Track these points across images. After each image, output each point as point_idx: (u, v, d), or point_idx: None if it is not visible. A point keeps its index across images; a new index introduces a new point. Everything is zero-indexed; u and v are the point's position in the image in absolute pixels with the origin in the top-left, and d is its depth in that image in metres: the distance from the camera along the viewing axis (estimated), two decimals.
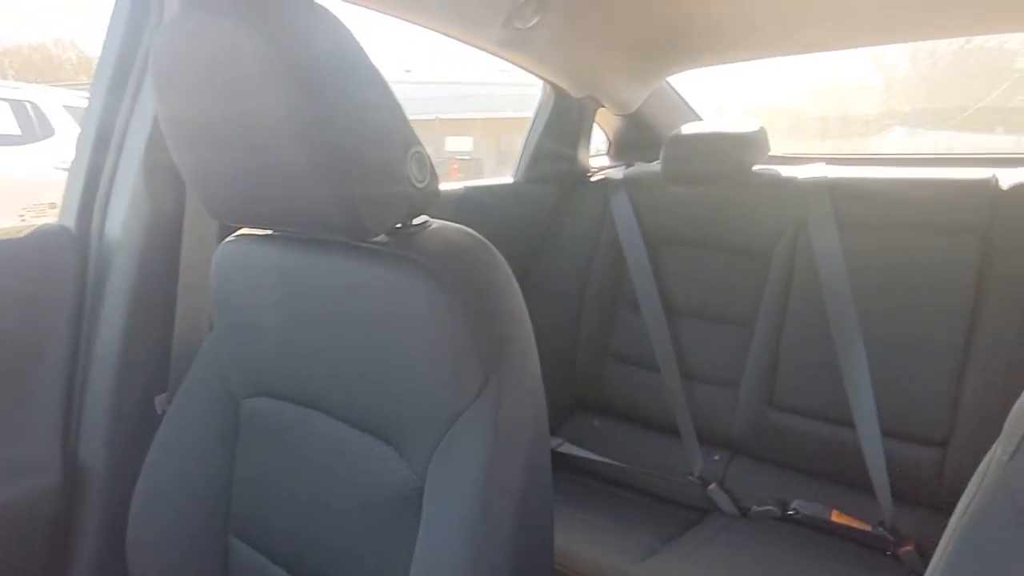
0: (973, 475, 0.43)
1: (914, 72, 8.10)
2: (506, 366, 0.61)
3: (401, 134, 0.60)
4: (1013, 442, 0.38)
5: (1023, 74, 5.66)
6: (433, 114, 12.77)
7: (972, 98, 7.47)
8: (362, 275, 0.63)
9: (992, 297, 1.12)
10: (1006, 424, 0.40)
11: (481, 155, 12.84)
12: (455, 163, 11.89)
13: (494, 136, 12.72)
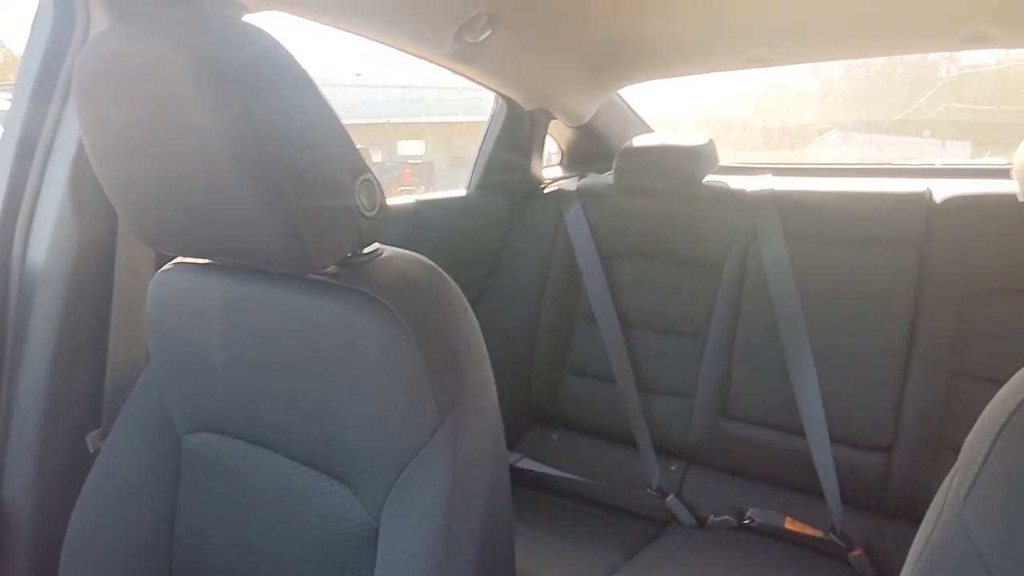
0: (930, 503, 0.43)
1: (848, 80, 8.45)
2: (463, 402, 0.59)
3: (349, 161, 0.58)
4: (968, 478, 0.38)
5: (946, 83, 5.99)
6: (384, 118, 12.63)
7: (901, 105, 7.88)
8: (310, 309, 0.60)
9: (929, 306, 1.17)
10: (961, 454, 0.41)
11: (434, 159, 12.76)
12: (407, 168, 11.78)
13: (446, 140, 12.67)
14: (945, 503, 0.40)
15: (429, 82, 9.38)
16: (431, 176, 12.10)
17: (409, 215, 1.40)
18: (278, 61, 0.54)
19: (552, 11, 1.16)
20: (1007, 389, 0.39)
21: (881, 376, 1.19)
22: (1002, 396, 0.39)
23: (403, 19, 1.05)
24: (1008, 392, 0.39)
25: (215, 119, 0.50)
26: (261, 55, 0.53)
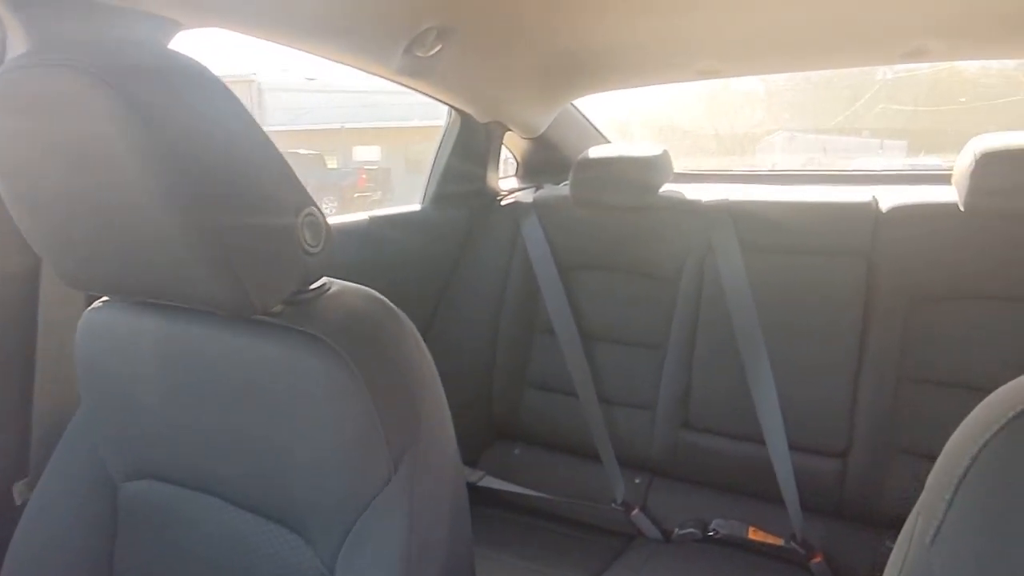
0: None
1: (792, 82, 8.77)
2: (419, 444, 0.57)
3: (291, 196, 0.54)
4: (933, 523, 0.38)
5: (883, 85, 6.36)
6: (339, 123, 12.43)
7: (843, 106, 8.26)
8: (252, 350, 0.57)
9: (878, 313, 1.19)
10: (923, 497, 0.40)
11: (390, 164, 12.63)
12: (363, 173, 11.62)
13: (402, 145, 12.56)
14: (909, 548, 0.39)
15: (383, 86, 9.25)
16: (388, 182, 11.97)
17: (362, 233, 1.36)
18: (207, 93, 0.51)
19: (503, 25, 1.14)
20: (963, 432, 0.39)
21: (835, 382, 1.22)
22: (960, 439, 0.39)
23: (349, 34, 1.02)
24: (966, 435, 0.38)
25: (140, 164, 0.46)
26: (188, 87, 0.50)
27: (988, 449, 0.36)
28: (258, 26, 0.91)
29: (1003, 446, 0.36)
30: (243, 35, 0.93)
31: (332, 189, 11.22)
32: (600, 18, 1.14)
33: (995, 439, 0.36)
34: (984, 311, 1.12)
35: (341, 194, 11.21)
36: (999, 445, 0.36)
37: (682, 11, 1.09)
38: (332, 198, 11.16)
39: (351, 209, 11.55)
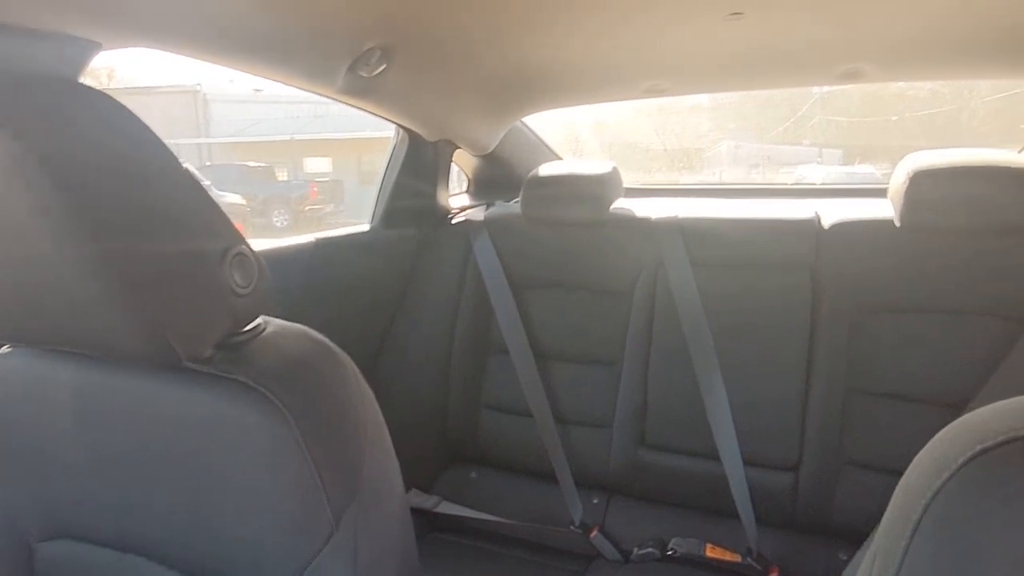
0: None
1: (737, 95, 9.20)
2: (362, 495, 0.54)
3: (217, 235, 0.51)
4: (891, 570, 0.37)
5: (820, 97, 6.68)
6: (288, 134, 12.18)
7: (784, 115, 8.69)
8: (178, 401, 0.53)
9: (824, 327, 1.22)
10: (879, 540, 0.40)
11: (342, 176, 12.43)
12: (314, 186, 11.39)
13: (354, 156, 12.39)
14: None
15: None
16: (340, 194, 11.78)
17: (308, 256, 1.31)
18: (119, 129, 0.47)
19: (449, 44, 1.12)
20: (916, 475, 0.38)
21: (786, 397, 1.23)
22: (914, 482, 0.38)
23: (288, 54, 0.98)
24: (919, 478, 0.38)
25: (42, 207, 0.42)
26: (96, 124, 0.46)
27: (941, 496, 0.36)
28: (188, 46, 0.86)
29: (956, 493, 0.36)
30: (173, 55, 0.88)
31: (282, 202, 10.97)
32: (544, 39, 1.13)
33: (947, 485, 0.36)
34: (922, 323, 1.16)
35: (292, 207, 10.97)
36: (952, 491, 0.36)
37: (626, 33, 1.10)
38: (283, 211, 10.91)
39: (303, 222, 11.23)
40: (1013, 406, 0.38)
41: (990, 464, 0.35)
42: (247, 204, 8.99)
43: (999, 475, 0.34)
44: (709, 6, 0.99)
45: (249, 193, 10.33)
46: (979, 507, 0.34)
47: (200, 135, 13.47)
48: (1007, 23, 1.01)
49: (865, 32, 1.07)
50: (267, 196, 10.93)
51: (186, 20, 0.81)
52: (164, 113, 12.94)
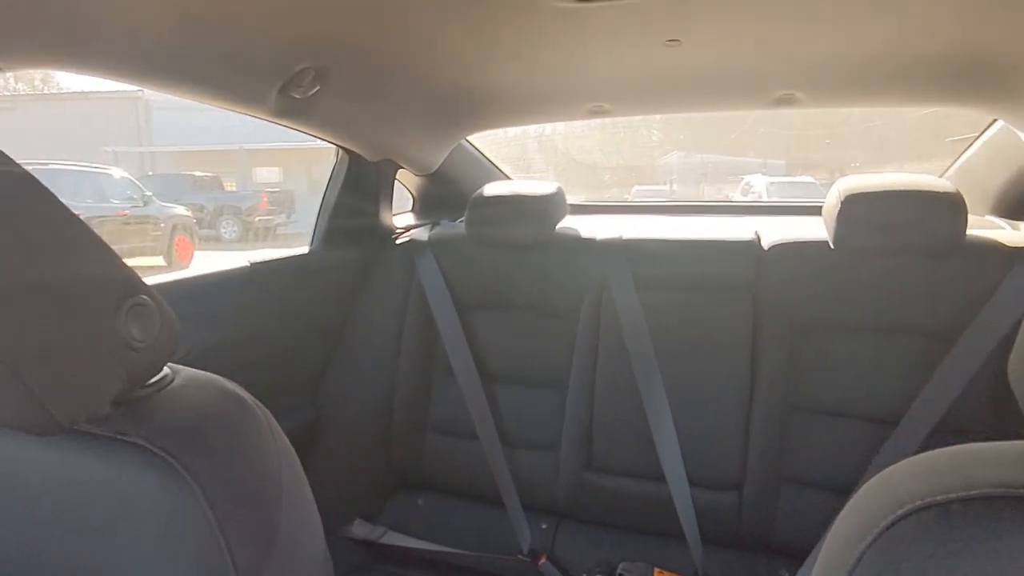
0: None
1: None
2: (277, 560, 0.50)
3: (110, 285, 0.47)
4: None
5: (762, 113, 7.05)
6: (237, 144, 11.86)
7: (729, 129, 9.00)
8: (69, 468, 0.48)
9: (765, 346, 1.24)
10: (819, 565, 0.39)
11: (293, 186, 12.16)
12: (264, 196, 11.11)
13: (305, 166, 12.16)
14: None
15: None
16: (291, 204, 11.52)
17: (242, 280, 1.26)
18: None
19: (384, 66, 1.10)
20: (838, 540, 0.38)
21: (729, 416, 1.24)
22: (836, 548, 0.38)
23: (212, 76, 0.93)
24: (841, 544, 0.37)
25: None
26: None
27: (864, 562, 0.35)
28: (99, 66, 0.81)
29: (877, 561, 0.35)
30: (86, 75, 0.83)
31: (231, 213, 10.66)
32: (483, 63, 1.12)
33: (868, 552, 0.35)
34: (856, 342, 1.19)
35: (241, 218, 10.67)
36: (873, 559, 0.35)
37: (567, 57, 1.09)
38: (232, 222, 10.60)
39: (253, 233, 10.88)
40: (928, 464, 0.38)
41: (907, 531, 0.34)
42: (193, 215, 8.70)
43: (915, 543, 0.34)
44: (648, 33, 0.99)
45: (196, 204, 10.01)
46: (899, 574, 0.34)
47: (142, 143, 12.99)
48: (930, 57, 1.05)
49: (796, 62, 1.10)
50: (215, 207, 10.62)
51: (96, 40, 0.76)
52: (103, 120, 12.44)
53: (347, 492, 1.45)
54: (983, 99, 1.18)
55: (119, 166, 9.13)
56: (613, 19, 0.93)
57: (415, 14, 0.92)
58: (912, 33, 0.97)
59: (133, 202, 7.68)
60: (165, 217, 8.00)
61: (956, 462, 0.36)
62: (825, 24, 0.95)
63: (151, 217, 7.78)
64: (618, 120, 12.86)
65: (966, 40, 0.98)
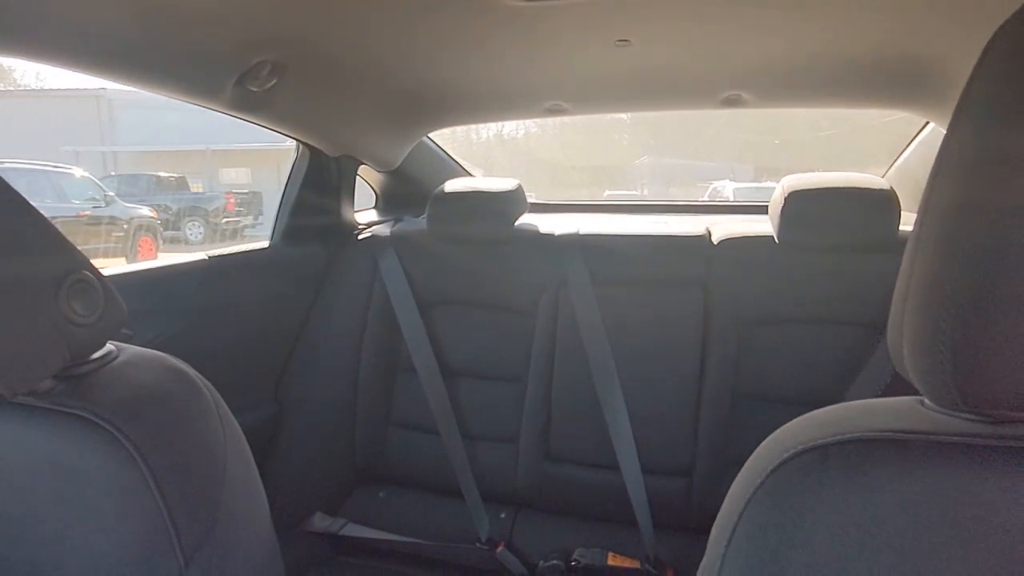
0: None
1: (655, 115, 9.46)
2: (219, 536, 0.52)
3: (49, 261, 0.48)
4: (715, 570, 0.40)
5: (729, 118, 7.20)
6: (204, 144, 11.66)
7: (697, 133, 9.24)
8: (11, 440, 0.49)
9: (714, 337, 1.28)
10: (710, 543, 0.42)
11: (261, 187, 11.99)
12: (231, 197, 10.95)
13: (274, 167, 12.00)
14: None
15: None
16: (259, 205, 11.36)
17: (201, 274, 1.26)
18: None
19: (342, 61, 1.11)
20: (739, 481, 0.41)
21: (680, 404, 1.29)
22: (737, 487, 0.41)
23: (166, 66, 0.94)
24: (742, 483, 0.41)
25: None
26: None
27: (751, 505, 0.39)
28: (51, 55, 0.81)
29: (762, 502, 0.38)
30: (31, 62, 0.83)
31: (198, 214, 10.48)
32: (440, 60, 1.15)
33: (756, 495, 0.39)
34: (797, 332, 1.24)
35: (207, 219, 10.50)
36: (760, 500, 0.39)
37: (522, 56, 1.13)
38: (197, 223, 10.42)
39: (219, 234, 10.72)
40: (824, 416, 0.42)
41: (789, 472, 0.38)
42: (157, 216, 8.54)
43: (796, 482, 0.37)
44: (598, 33, 1.03)
45: (161, 205, 9.83)
46: (780, 516, 0.37)
47: (105, 142, 12.68)
48: (862, 61, 1.11)
49: (739, 64, 1.15)
50: (180, 208, 10.43)
51: (49, 28, 0.77)
52: (63, 118, 12.11)
53: (309, 486, 1.46)
54: (914, 102, 1.25)
55: (80, 166, 8.91)
56: (564, 18, 0.97)
57: (371, 11, 0.94)
58: (845, 38, 1.03)
59: (95, 202, 7.52)
60: (128, 218, 7.84)
61: (837, 415, 0.40)
62: (764, 28, 1.00)
63: (113, 218, 7.62)
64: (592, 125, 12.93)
65: (895, 45, 1.04)
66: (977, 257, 0.32)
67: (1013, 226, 0.31)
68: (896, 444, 0.36)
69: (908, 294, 0.36)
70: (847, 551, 0.35)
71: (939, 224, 0.34)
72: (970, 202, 0.32)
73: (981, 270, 0.32)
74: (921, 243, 0.35)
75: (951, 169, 0.34)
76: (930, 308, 0.34)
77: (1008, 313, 0.31)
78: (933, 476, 0.34)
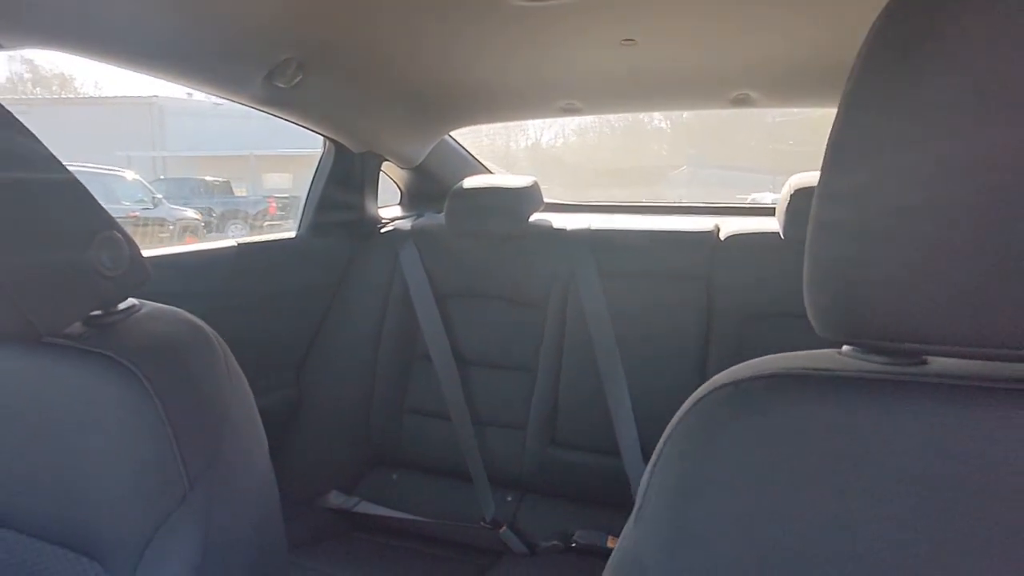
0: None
1: (696, 121, 9.52)
2: (220, 463, 0.58)
3: (82, 218, 0.55)
4: (638, 505, 0.44)
5: (770, 128, 6.94)
6: (247, 149, 12.06)
7: (738, 143, 9.14)
8: (44, 375, 0.56)
9: (717, 331, 1.31)
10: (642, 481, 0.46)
11: (302, 193, 12.31)
12: (273, 201, 11.28)
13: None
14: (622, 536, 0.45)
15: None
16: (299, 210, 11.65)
17: (230, 260, 1.34)
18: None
19: (365, 60, 1.18)
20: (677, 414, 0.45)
21: (682, 393, 1.30)
22: (671, 421, 0.45)
23: (200, 61, 1.02)
24: (675, 417, 0.45)
25: None
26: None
27: (675, 432, 0.43)
28: (93, 49, 0.90)
29: (681, 433, 0.42)
30: (79, 57, 0.92)
31: (240, 217, 10.83)
32: (458, 60, 1.21)
33: (677, 427, 0.43)
34: (801, 327, 1.25)
35: (250, 223, 10.84)
36: (679, 431, 0.43)
37: (535, 55, 1.18)
38: (240, 226, 10.76)
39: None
40: (755, 361, 0.46)
41: (706, 405, 0.42)
42: (201, 219, 8.87)
43: (710, 414, 0.41)
44: (604, 33, 1.08)
45: (206, 207, 10.19)
46: (695, 443, 0.41)
47: (156, 147, 13.22)
48: None
49: (745, 62, 1.18)
50: (224, 211, 10.79)
51: (91, 21, 0.85)
52: (118, 124, 12.69)
53: (326, 466, 1.53)
54: None
55: (132, 169, 9.33)
56: (568, 18, 1.02)
57: (387, 12, 1.01)
58: (854, 36, 1.05)
59: (143, 204, 7.87)
60: (174, 219, 8.18)
61: (766, 360, 0.44)
62: (769, 27, 1.03)
63: (160, 219, 7.96)
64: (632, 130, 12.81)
65: None
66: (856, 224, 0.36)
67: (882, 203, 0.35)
68: (800, 378, 0.39)
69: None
70: (753, 473, 0.39)
71: (830, 207, 0.38)
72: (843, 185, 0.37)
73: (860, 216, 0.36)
74: (815, 224, 0.39)
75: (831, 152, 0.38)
76: (828, 250, 0.38)
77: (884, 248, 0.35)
78: (823, 406, 0.38)
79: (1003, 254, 0.32)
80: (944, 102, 0.32)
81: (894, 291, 0.35)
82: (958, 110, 0.32)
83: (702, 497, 0.40)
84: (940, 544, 0.34)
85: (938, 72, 0.32)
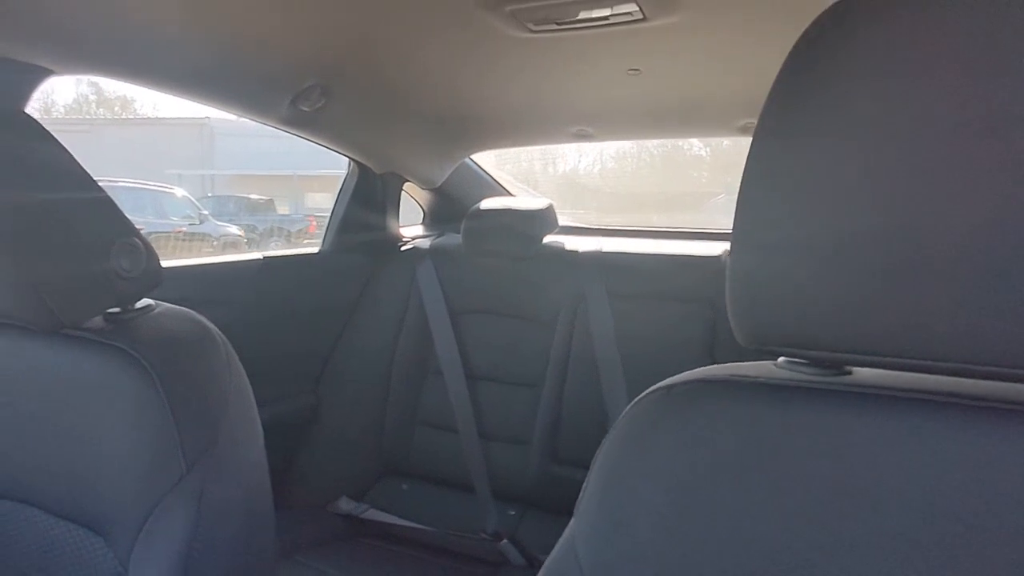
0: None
1: (735, 149, 9.47)
2: (217, 449, 0.63)
3: (104, 227, 0.62)
4: (580, 503, 0.47)
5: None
6: (291, 169, 12.47)
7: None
8: (64, 364, 0.63)
9: (720, 353, 1.32)
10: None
11: None
12: (313, 220, 11.62)
13: None
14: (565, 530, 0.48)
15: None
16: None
17: (255, 271, 1.42)
18: (38, 147, 0.59)
19: (382, 86, 1.26)
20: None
21: None
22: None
23: (232, 85, 1.11)
24: (616, 422, 0.48)
25: None
26: (20, 143, 0.58)
27: (612, 436, 0.46)
28: (137, 75, 0.99)
29: (620, 432, 0.46)
30: (123, 82, 1.01)
31: (281, 235, 11.19)
32: (459, 86, 1.27)
33: (617, 427, 0.46)
34: None
35: (291, 240, 11.19)
36: (619, 431, 0.46)
37: (549, 83, 1.24)
38: (281, 243, 11.12)
39: None
40: (699, 370, 0.48)
41: (639, 408, 0.45)
42: (244, 235, 9.21)
43: (640, 416, 0.45)
44: (608, 63, 1.13)
45: (249, 224, 10.56)
46: (629, 445, 0.45)
47: (205, 166, 13.79)
48: None
49: (749, 93, 1.21)
50: (266, 228, 11.16)
51: (135, 49, 0.94)
52: (171, 144, 13.31)
53: (338, 473, 1.58)
54: None
55: (182, 187, 9.78)
56: (573, 49, 1.07)
57: (405, 44, 1.08)
58: None
59: (190, 220, 8.23)
60: (218, 235, 8.50)
61: (703, 368, 0.47)
62: (768, 58, 1.06)
63: (205, 234, 8.29)
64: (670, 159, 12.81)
65: None
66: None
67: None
68: (727, 384, 0.42)
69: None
70: (675, 470, 0.42)
71: (747, 223, 0.41)
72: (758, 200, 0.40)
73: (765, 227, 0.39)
74: (733, 239, 0.42)
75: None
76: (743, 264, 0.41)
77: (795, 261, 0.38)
78: (738, 410, 0.41)
79: (911, 266, 0.34)
80: (849, 121, 0.35)
81: (804, 302, 0.38)
82: (862, 129, 0.35)
83: (630, 490, 0.43)
84: (825, 542, 0.36)
85: (841, 95, 0.36)
